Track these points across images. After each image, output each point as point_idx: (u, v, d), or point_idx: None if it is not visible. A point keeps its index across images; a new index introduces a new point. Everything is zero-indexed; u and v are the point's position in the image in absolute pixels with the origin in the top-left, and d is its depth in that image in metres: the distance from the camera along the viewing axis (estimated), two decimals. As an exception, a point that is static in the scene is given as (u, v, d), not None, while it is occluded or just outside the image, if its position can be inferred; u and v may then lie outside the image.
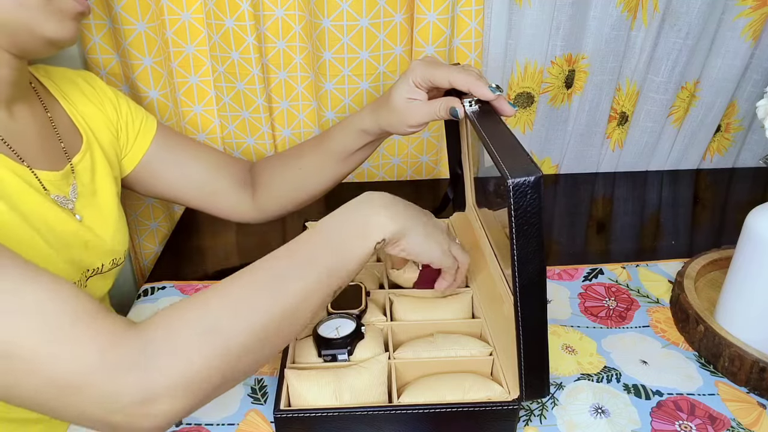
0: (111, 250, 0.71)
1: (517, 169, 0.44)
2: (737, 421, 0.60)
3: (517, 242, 0.46)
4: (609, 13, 0.98)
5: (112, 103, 0.76)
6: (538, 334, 0.51)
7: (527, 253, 0.47)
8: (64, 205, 0.65)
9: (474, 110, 0.60)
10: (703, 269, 0.78)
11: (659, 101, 1.06)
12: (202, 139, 1.04)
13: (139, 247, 1.10)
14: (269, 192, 0.82)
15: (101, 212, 0.70)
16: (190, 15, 0.93)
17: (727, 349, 0.65)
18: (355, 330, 0.62)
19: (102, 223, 0.70)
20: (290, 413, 0.55)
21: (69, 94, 0.72)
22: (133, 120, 0.77)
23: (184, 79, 0.98)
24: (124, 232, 0.74)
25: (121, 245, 0.73)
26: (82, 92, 0.73)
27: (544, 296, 0.50)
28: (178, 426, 0.60)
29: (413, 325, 0.66)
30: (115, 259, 0.72)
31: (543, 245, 0.47)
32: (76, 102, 0.72)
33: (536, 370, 0.53)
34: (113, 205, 0.72)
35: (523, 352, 0.51)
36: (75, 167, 0.68)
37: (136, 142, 0.77)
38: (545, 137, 1.10)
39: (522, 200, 0.44)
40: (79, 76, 0.75)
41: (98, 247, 0.69)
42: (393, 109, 0.67)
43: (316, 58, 0.95)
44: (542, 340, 0.51)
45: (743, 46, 1.01)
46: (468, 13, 0.94)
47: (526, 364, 0.52)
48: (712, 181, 1.16)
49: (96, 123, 0.73)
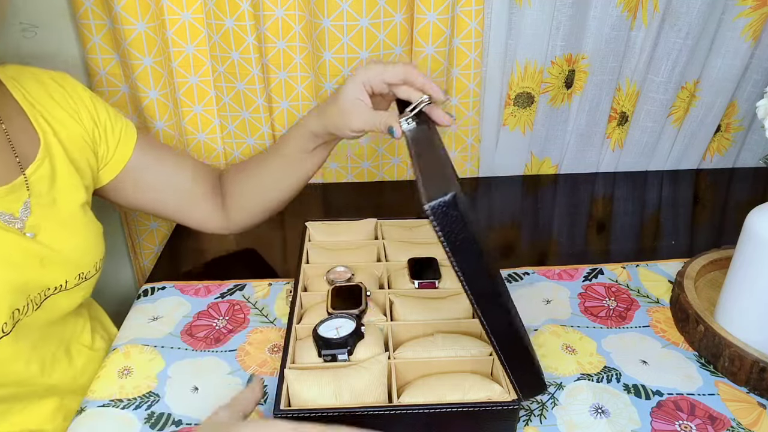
0: (75, 263, 0.67)
1: (433, 191, 0.44)
2: (737, 421, 0.60)
3: (456, 260, 0.46)
4: (609, 13, 0.98)
5: (89, 110, 0.72)
6: (510, 336, 0.51)
7: (469, 266, 0.46)
8: (10, 224, 0.61)
9: (411, 128, 0.61)
10: (703, 269, 0.78)
11: (659, 101, 1.06)
12: (202, 139, 1.04)
13: (139, 247, 1.10)
14: (236, 201, 0.82)
15: (62, 223, 0.66)
16: (190, 15, 0.93)
17: (727, 349, 0.65)
18: (355, 330, 0.62)
19: (62, 235, 0.66)
20: (290, 413, 0.55)
21: (35, 96, 0.68)
22: (113, 127, 0.74)
23: (184, 79, 0.98)
24: (93, 243, 0.70)
25: (90, 257, 0.69)
26: (50, 95, 0.69)
27: (504, 300, 0.50)
28: (178, 426, 0.60)
29: (413, 325, 0.66)
30: (82, 273, 0.68)
31: (482, 254, 0.46)
32: (41, 105, 0.68)
33: (524, 369, 0.53)
34: (78, 215, 0.68)
35: (503, 357, 0.52)
36: (29, 178, 0.64)
37: (118, 150, 0.74)
38: (545, 137, 1.10)
39: (444, 220, 0.44)
40: (50, 77, 0.71)
41: (57, 262, 0.65)
42: (339, 109, 0.67)
43: (316, 58, 0.95)
44: (517, 341, 0.51)
45: (743, 46, 1.01)
46: (468, 13, 0.94)
47: (510, 366, 0.52)
48: (712, 181, 1.16)
49: (63, 128, 0.69)
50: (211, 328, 0.74)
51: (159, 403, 0.63)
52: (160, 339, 0.72)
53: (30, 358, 0.64)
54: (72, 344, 0.72)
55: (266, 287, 0.81)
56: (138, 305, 0.78)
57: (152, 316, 0.76)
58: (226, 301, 0.78)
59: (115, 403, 0.63)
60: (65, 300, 0.67)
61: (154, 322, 0.75)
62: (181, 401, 0.63)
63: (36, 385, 0.66)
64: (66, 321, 0.71)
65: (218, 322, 0.75)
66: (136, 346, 0.71)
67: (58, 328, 0.69)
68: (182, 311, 0.77)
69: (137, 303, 0.79)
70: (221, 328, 0.74)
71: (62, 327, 0.70)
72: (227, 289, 0.81)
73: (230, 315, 0.76)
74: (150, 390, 0.65)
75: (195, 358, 0.69)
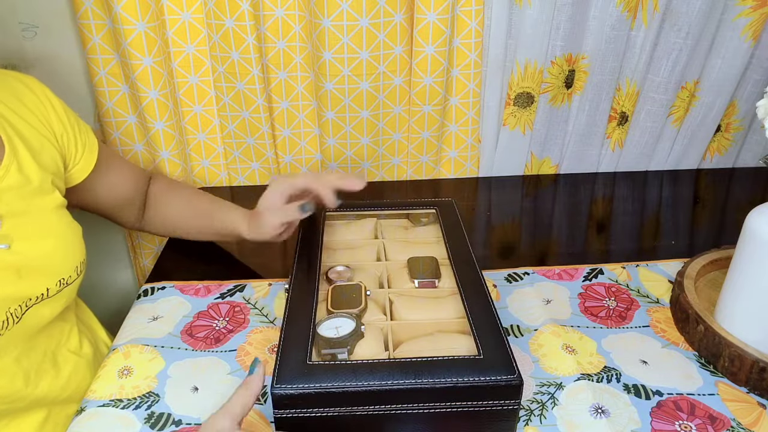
0: (54, 270, 0.65)
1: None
2: (737, 421, 0.60)
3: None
4: (609, 13, 0.98)
5: (57, 114, 0.70)
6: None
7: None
8: None
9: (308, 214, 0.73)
10: (703, 269, 0.78)
11: (659, 101, 1.06)
12: (202, 139, 1.04)
13: (139, 247, 1.10)
14: (153, 216, 0.87)
15: (37, 229, 0.64)
16: (190, 15, 0.93)
17: (727, 349, 0.65)
18: (354, 329, 0.62)
19: (38, 242, 0.64)
20: (290, 413, 0.55)
21: (7, 102, 0.65)
22: (80, 131, 0.73)
23: (184, 79, 0.98)
24: (72, 246, 0.68)
25: (70, 261, 0.67)
26: (19, 99, 0.67)
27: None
28: (178, 426, 0.60)
29: (413, 324, 0.66)
30: (63, 279, 0.66)
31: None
32: (9, 108, 0.65)
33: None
34: (53, 219, 0.66)
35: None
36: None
37: (85, 154, 0.74)
38: (545, 137, 1.10)
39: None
40: (18, 80, 0.69)
41: (36, 271, 0.63)
42: (260, 217, 0.76)
43: (316, 58, 0.95)
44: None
45: (743, 46, 1.01)
46: (468, 13, 0.94)
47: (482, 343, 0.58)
48: (712, 181, 1.16)
49: (32, 132, 0.66)
50: (211, 328, 0.74)
51: (159, 403, 0.63)
52: (160, 339, 0.72)
53: (14, 373, 0.63)
54: (59, 352, 0.71)
55: (266, 287, 0.81)
56: (138, 305, 0.78)
57: (152, 316, 0.76)
58: (227, 301, 0.79)
59: (115, 402, 0.63)
60: (47, 309, 0.65)
61: (154, 322, 0.75)
62: (181, 401, 0.63)
63: (21, 399, 0.64)
64: (51, 329, 0.69)
65: (218, 323, 0.75)
66: (137, 346, 0.71)
67: (42, 338, 0.68)
68: (182, 311, 0.77)
69: (137, 303, 0.79)
70: (221, 329, 0.74)
71: (47, 336, 0.69)
72: (227, 289, 0.81)
73: (230, 315, 0.76)
74: (150, 390, 0.65)
75: (195, 358, 0.69)
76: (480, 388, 0.54)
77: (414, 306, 0.68)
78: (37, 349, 0.67)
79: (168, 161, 0.99)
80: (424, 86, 0.99)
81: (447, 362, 0.56)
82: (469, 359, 0.56)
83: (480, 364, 0.56)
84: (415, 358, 0.57)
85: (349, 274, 0.73)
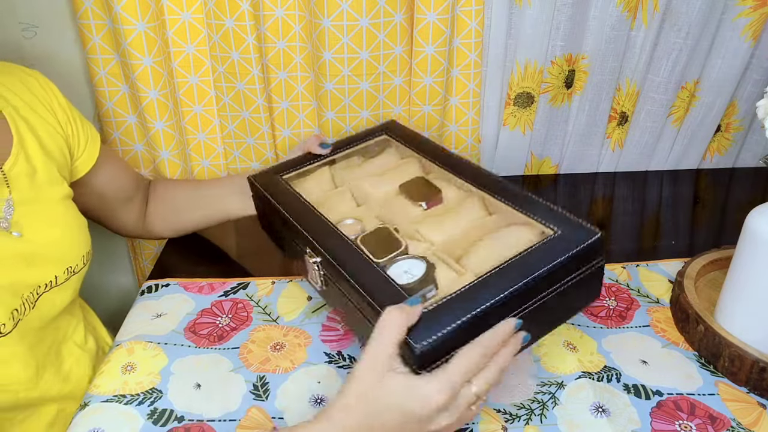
0: (62, 258, 0.67)
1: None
2: (737, 421, 0.60)
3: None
4: (609, 13, 0.98)
5: (62, 106, 0.73)
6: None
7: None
8: None
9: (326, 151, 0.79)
10: (703, 269, 0.78)
11: (659, 101, 1.06)
12: (202, 139, 1.04)
13: (139, 247, 1.10)
14: (158, 214, 0.88)
15: (46, 218, 0.66)
16: (190, 15, 0.93)
17: (727, 349, 0.65)
18: (427, 265, 0.60)
19: (48, 230, 0.65)
20: (431, 343, 0.50)
21: (10, 89, 0.67)
22: (83, 124, 0.75)
23: (184, 79, 0.98)
24: (78, 235, 0.70)
25: (76, 250, 0.69)
26: (28, 88, 0.69)
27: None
28: (180, 422, 0.60)
29: (457, 239, 0.64)
30: (70, 267, 0.68)
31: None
32: (18, 98, 0.67)
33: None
34: (60, 209, 0.68)
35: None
36: (7, 174, 0.63)
37: (87, 147, 0.75)
38: (545, 137, 1.11)
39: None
40: (31, 76, 0.71)
41: (45, 259, 0.65)
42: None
43: (316, 58, 0.95)
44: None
45: (743, 46, 1.01)
46: (468, 13, 0.94)
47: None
48: (712, 181, 1.16)
49: (40, 121, 0.69)
50: (214, 325, 0.74)
51: (162, 400, 0.63)
52: (163, 336, 0.72)
53: (28, 362, 0.64)
54: (64, 345, 0.72)
55: (269, 285, 0.81)
56: (142, 302, 0.79)
57: (156, 312, 0.76)
58: (230, 299, 0.79)
59: (118, 398, 0.63)
60: (58, 296, 0.67)
61: (157, 319, 0.75)
62: (184, 398, 0.64)
63: (33, 389, 0.65)
64: (59, 321, 0.71)
65: (221, 320, 0.75)
66: (140, 343, 0.71)
67: (51, 330, 0.69)
68: (186, 308, 0.77)
69: (141, 299, 0.79)
70: (224, 326, 0.74)
71: (54, 329, 0.70)
72: (231, 287, 0.81)
73: (233, 313, 0.76)
74: (153, 386, 0.65)
75: (198, 355, 0.69)
76: (577, 257, 0.57)
77: (441, 226, 0.66)
78: (45, 341, 0.68)
79: (168, 161, 0.99)
80: (424, 86, 0.99)
81: (538, 250, 0.57)
82: (553, 239, 0.58)
83: (564, 239, 0.58)
84: (510, 259, 0.56)
85: (360, 224, 0.70)
